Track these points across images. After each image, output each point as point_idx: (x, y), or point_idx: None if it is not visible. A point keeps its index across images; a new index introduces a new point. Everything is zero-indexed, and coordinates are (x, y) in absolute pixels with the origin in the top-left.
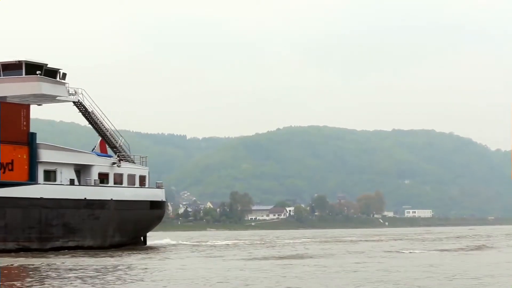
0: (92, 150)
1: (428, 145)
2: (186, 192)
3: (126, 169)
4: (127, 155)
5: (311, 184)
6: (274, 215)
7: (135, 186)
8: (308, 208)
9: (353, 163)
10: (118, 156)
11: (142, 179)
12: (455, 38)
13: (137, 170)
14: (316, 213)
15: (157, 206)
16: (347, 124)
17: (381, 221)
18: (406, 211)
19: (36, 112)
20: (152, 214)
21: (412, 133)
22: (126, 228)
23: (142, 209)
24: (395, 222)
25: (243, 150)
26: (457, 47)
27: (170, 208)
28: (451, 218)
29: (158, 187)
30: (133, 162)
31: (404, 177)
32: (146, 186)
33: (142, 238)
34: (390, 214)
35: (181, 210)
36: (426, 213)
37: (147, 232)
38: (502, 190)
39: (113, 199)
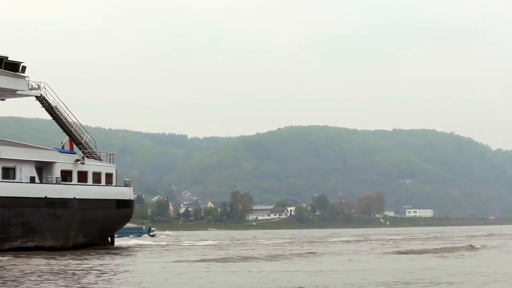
0: (61, 147)
1: (429, 145)
2: (187, 191)
3: (91, 166)
4: (93, 152)
5: (312, 184)
6: (275, 215)
7: (101, 184)
8: (309, 208)
9: (354, 163)
10: (83, 153)
11: (109, 177)
12: (456, 38)
13: (103, 167)
14: (317, 213)
15: (124, 205)
16: (348, 124)
17: (382, 221)
18: (407, 211)
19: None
20: (119, 213)
21: (413, 133)
22: (91, 228)
23: (107, 208)
24: (396, 222)
25: (244, 150)
26: (458, 47)
27: (171, 207)
28: (452, 218)
29: (126, 185)
30: (100, 159)
31: (405, 177)
32: (113, 184)
33: (109, 238)
34: (391, 214)
35: (182, 210)
36: (427, 213)
37: (114, 232)
38: (503, 190)
39: (76, 197)
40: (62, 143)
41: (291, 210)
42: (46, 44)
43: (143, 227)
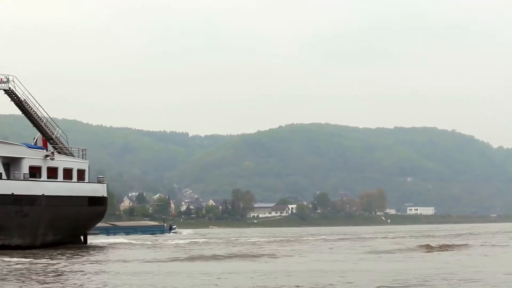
0: (34, 143)
1: (430, 143)
2: (188, 189)
3: (61, 162)
4: (65, 147)
5: (313, 182)
6: (276, 213)
7: (72, 180)
8: (310, 205)
9: (355, 160)
10: (53, 148)
11: (81, 173)
12: (458, 36)
13: (75, 163)
14: (318, 211)
15: (97, 202)
16: (349, 121)
17: (383, 218)
18: (408, 208)
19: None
20: (91, 211)
21: (414, 131)
22: (60, 226)
23: (79, 206)
24: (397, 219)
25: (245, 148)
26: (460, 44)
27: (172, 205)
28: (453, 216)
29: (99, 182)
30: (72, 155)
31: (406, 175)
32: (86, 180)
33: (82, 236)
34: (392, 211)
35: (183, 208)
36: (428, 210)
37: (87, 230)
38: (504, 187)
39: (45, 194)
40: (34, 138)
41: (292, 208)
42: (47, 43)
43: (165, 225)
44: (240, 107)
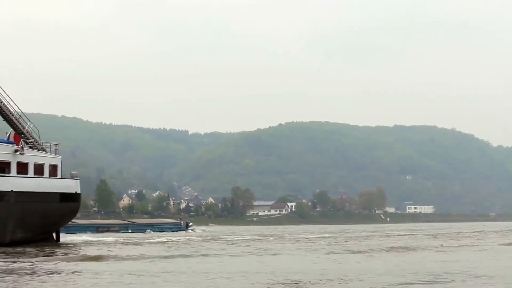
0: (6, 139)
1: (430, 141)
2: (187, 187)
3: (32, 157)
4: (36, 142)
5: (313, 180)
6: (276, 211)
7: (44, 176)
8: (309, 203)
9: (355, 158)
10: (24, 143)
11: (53, 168)
12: (458, 34)
13: (47, 158)
14: (317, 209)
15: (69, 199)
16: (349, 120)
17: (383, 217)
18: (407, 207)
19: None
20: (63, 207)
21: (414, 129)
22: (30, 223)
23: (50, 202)
24: (396, 218)
25: (245, 146)
26: (460, 42)
27: (172, 203)
28: (453, 214)
29: (72, 178)
30: (44, 150)
31: (406, 173)
32: (58, 176)
33: (54, 234)
34: (391, 210)
35: (182, 205)
36: (428, 209)
37: (59, 227)
38: (504, 186)
39: (14, 190)
40: (7, 133)
41: (291, 206)
42: (47, 41)
43: (181, 222)
44: (240, 105)
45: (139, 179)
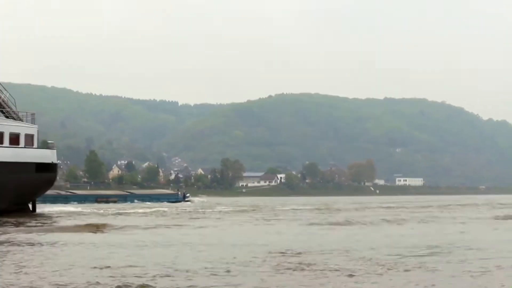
0: None
1: (420, 114)
2: (177, 158)
3: (7, 126)
4: (12, 111)
5: (303, 151)
6: (265, 182)
7: (19, 146)
8: (299, 175)
9: (345, 131)
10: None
11: (29, 138)
12: (450, 7)
13: (23, 128)
14: (307, 180)
15: (45, 169)
16: (339, 92)
17: (372, 189)
18: (397, 179)
19: None
20: (38, 177)
21: (404, 102)
22: (5, 193)
23: (25, 172)
24: (386, 190)
25: (234, 117)
26: (452, 16)
27: (161, 173)
28: (442, 187)
29: (48, 148)
30: (20, 120)
31: (396, 146)
32: (34, 146)
33: (31, 204)
34: (381, 182)
35: (172, 176)
36: (417, 181)
37: (35, 197)
38: (494, 159)
39: None
40: None
41: (281, 178)
42: (37, 11)
43: (179, 193)
44: (230, 76)
45: (128, 150)
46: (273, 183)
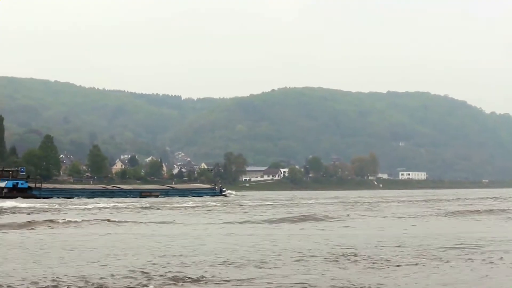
0: None
1: (423, 108)
2: (180, 152)
3: None
4: None
5: (306, 146)
6: (269, 176)
7: None
8: (302, 169)
9: (348, 124)
10: None
11: None
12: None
13: None
14: (310, 175)
15: None
16: (342, 85)
17: (375, 183)
18: (400, 173)
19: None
20: None
21: (407, 95)
22: None
23: None
24: (389, 184)
25: (237, 111)
26: (453, 10)
27: (164, 168)
28: (445, 181)
29: None
30: None
31: (399, 139)
32: None
33: None
34: (384, 176)
35: (175, 171)
36: (420, 175)
37: None
38: (496, 153)
39: None
40: None
41: (284, 172)
42: (41, 6)
43: (216, 187)
44: (233, 70)
45: (131, 144)
46: (276, 178)
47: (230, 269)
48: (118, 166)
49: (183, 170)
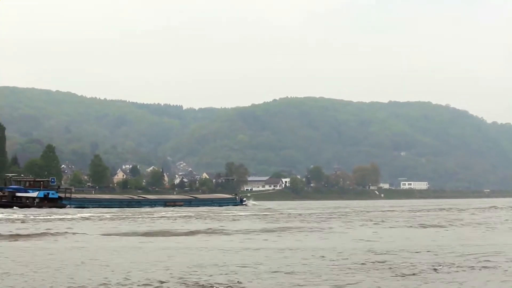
0: None
1: (424, 117)
2: (182, 162)
3: None
4: None
5: (307, 155)
6: (270, 186)
7: None
8: (303, 179)
9: (349, 134)
10: None
11: None
12: (454, 9)
13: None
14: (311, 184)
15: None
16: (343, 95)
17: (377, 193)
18: (401, 183)
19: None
20: None
21: (408, 105)
22: None
23: None
24: (391, 194)
25: (239, 121)
26: (456, 18)
27: (166, 178)
28: (447, 191)
29: None
30: None
31: (400, 149)
32: None
33: None
34: (385, 186)
35: (177, 181)
36: (422, 185)
37: None
38: (498, 162)
39: None
40: None
41: (286, 182)
42: (42, 15)
43: (237, 197)
44: (234, 80)
45: (133, 154)
46: (278, 187)
47: None
48: (119, 176)
49: (185, 180)
